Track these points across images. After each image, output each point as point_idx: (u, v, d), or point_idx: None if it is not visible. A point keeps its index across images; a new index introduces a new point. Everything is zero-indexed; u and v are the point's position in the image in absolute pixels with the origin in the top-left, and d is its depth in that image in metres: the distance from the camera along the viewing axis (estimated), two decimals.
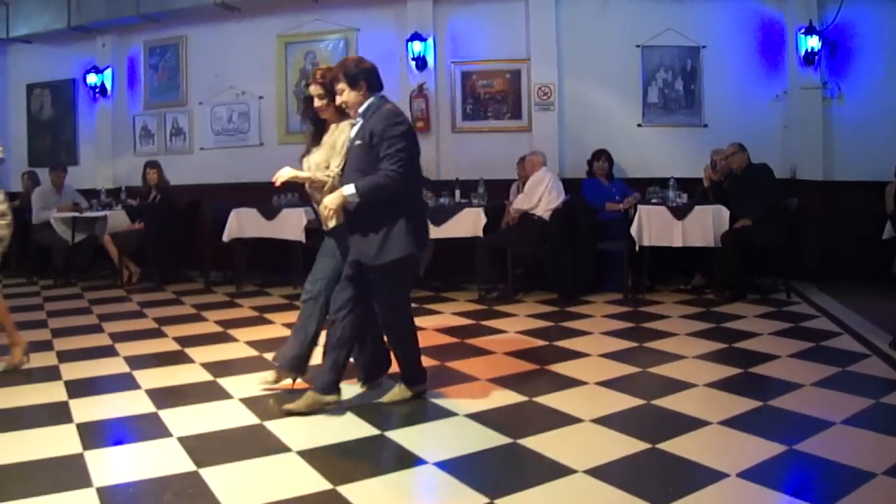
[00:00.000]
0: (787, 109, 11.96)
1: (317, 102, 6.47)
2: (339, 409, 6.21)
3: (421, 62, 12.79)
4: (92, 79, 14.83)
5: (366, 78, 6.10)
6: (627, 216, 10.79)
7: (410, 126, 6.09)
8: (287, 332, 8.49)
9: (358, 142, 6.00)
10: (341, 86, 6.09)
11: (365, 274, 6.07)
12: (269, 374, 6.80)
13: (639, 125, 12.44)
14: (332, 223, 6.34)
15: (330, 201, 5.89)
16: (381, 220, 5.92)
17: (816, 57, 11.49)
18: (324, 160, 6.54)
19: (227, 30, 14.10)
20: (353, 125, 6.23)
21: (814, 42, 11.42)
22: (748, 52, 12.17)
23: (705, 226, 10.25)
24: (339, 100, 6.17)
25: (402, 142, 5.88)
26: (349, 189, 5.82)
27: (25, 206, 13.30)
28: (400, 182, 5.83)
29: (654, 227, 10.34)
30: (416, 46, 12.70)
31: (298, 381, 6.69)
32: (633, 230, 10.32)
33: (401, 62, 13.10)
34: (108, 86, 14.91)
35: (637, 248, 10.43)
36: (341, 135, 6.43)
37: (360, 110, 6.11)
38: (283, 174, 6.50)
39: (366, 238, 5.96)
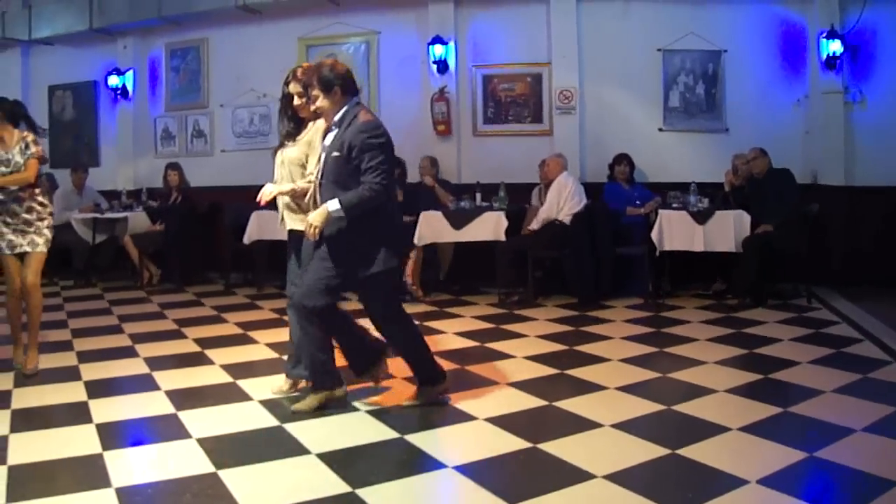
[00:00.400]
0: (808, 114, 11.89)
1: (296, 101, 6.39)
2: (358, 411, 6.24)
3: (442, 65, 12.77)
4: (113, 80, 14.89)
5: (340, 84, 6.01)
6: (648, 221, 10.76)
7: (389, 137, 6.02)
8: None
9: (335, 153, 5.92)
10: (315, 92, 6.03)
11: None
12: (284, 384, 6.79)
13: (660, 129, 12.40)
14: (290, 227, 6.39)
15: (314, 218, 5.85)
16: (358, 236, 5.91)
17: (838, 61, 11.42)
18: (298, 158, 6.52)
19: (249, 32, 14.11)
20: (328, 131, 6.19)
21: (836, 46, 11.35)
22: (770, 56, 12.11)
23: (726, 231, 10.21)
24: (312, 107, 6.12)
25: (382, 154, 5.86)
26: (334, 205, 5.79)
27: None
28: (383, 195, 5.84)
29: (675, 231, 10.31)
30: (438, 50, 12.69)
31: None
32: (654, 235, 10.28)
33: (422, 65, 13.11)
34: (130, 87, 14.96)
35: (658, 253, 10.39)
36: (317, 133, 6.40)
37: (336, 118, 6.05)
38: (267, 192, 6.50)
39: (347, 255, 5.95)
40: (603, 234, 10.91)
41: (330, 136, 6.08)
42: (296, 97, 6.38)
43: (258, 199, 6.62)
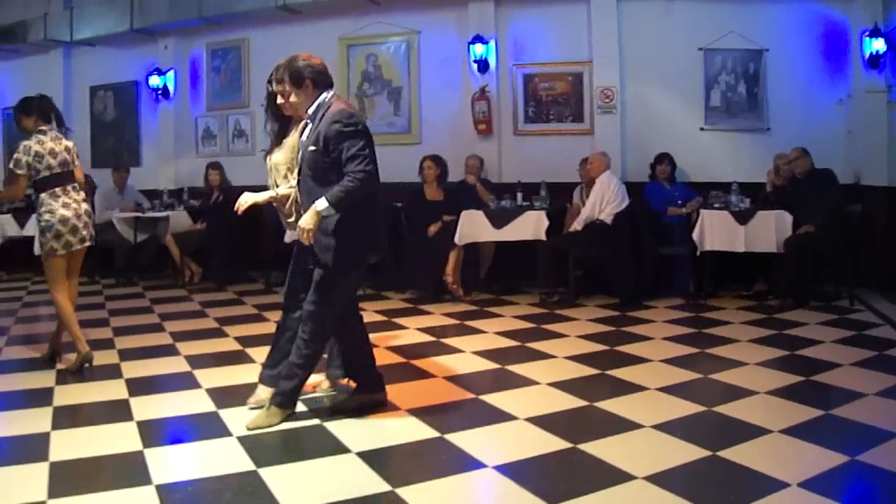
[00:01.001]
0: (851, 113, 11.77)
1: (280, 99, 6.18)
2: (398, 410, 6.26)
3: (483, 64, 12.76)
4: (154, 81, 15.01)
5: (311, 77, 5.88)
6: (690, 220, 10.71)
7: (365, 124, 5.83)
8: None
9: (312, 148, 5.78)
10: (288, 88, 5.92)
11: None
12: (324, 383, 6.80)
13: (701, 129, 12.31)
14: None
15: (305, 222, 5.68)
16: (335, 223, 5.77)
17: (881, 60, 11.27)
18: (283, 161, 6.46)
19: (289, 32, 14.11)
20: (304, 126, 6.06)
21: (879, 45, 11.21)
22: (812, 55, 11.99)
23: (768, 231, 10.15)
24: (286, 103, 6.04)
25: (361, 139, 5.67)
26: (322, 204, 5.60)
27: None
28: (372, 181, 5.65)
29: (716, 231, 10.25)
30: (478, 49, 12.68)
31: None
32: (696, 235, 10.23)
33: (462, 64, 13.10)
34: (171, 88, 15.07)
35: (699, 253, 10.36)
36: (296, 133, 6.31)
37: (310, 112, 5.91)
38: (244, 202, 6.47)
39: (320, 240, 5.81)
40: (644, 234, 10.91)
41: (306, 132, 5.97)
42: (279, 96, 6.18)
43: (236, 209, 6.62)
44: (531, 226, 10.90)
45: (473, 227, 11.07)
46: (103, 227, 13.05)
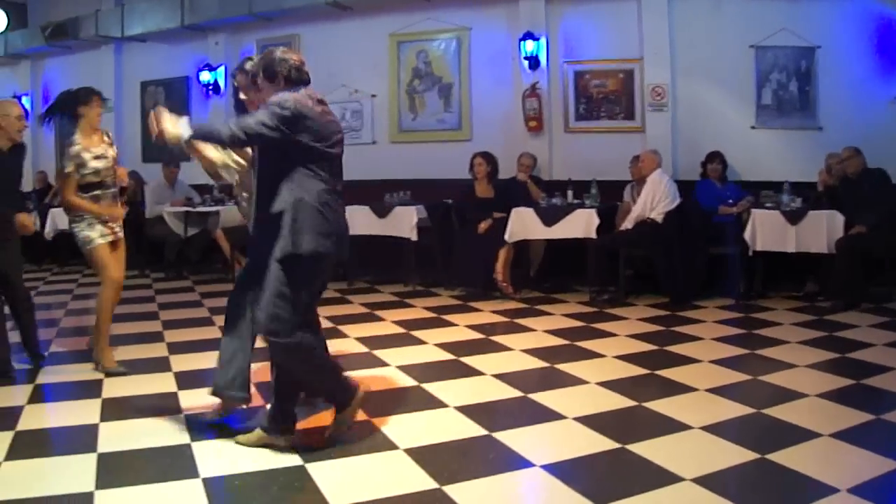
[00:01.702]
0: None
1: (242, 95, 6.02)
2: (446, 407, 6.30)
3: (533, 61, 12.76)
4: (205, 76, 15.16)
5: (285, 72, 5.58)
6: (741, 220, 10.64)
7: (294, 114, 5.23)
8: (398, 329, 8.65)
9: None
10: (261, 81, 5.66)
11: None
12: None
13: (752, 127, 12.20)
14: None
15: (166, 120, 5.49)
16: (278, 216, 5.23)
17: None
18: (247, 159, 6.17)
19: (340, 28, 14.22)
20: None
21: None
22: (865, 52, 11.81)
23: (819, 231, 10.04)
24: (255, 98, 5.85)
25: (272, 119, 5.15)
26: (184, 123, 5.42)
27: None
28: (231, 141, 5.40)
29: (767, 231, 10.17)
30: (529, 45, 12.68)
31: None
32: (747, 235, 10.16)
33: (513, 61, 13.12)
34: (222, 83, 15.17)
35: (751, 253, 10.28)
36: None
37: None
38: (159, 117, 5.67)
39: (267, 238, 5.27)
40: (695, 233, 10.84)
41: None
42: (241, 92, 5.98)
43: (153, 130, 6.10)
44: (581, 224, 10.85)
45: (524, 224, 11.08)
46: (154, 222, 13.21)
